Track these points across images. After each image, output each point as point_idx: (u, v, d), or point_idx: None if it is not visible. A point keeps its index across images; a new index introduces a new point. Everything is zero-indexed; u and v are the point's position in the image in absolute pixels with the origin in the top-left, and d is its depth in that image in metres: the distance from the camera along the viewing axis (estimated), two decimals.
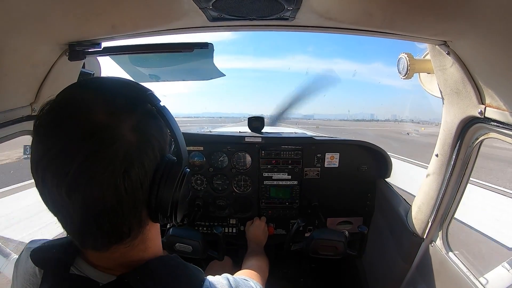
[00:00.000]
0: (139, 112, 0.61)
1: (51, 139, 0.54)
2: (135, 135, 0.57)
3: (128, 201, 0.57)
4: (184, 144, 0.69)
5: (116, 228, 0.59)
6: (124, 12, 1.03)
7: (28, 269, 0.71)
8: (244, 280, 0.81)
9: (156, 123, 0.64)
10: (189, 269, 0.72)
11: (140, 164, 0.57)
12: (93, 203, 0.54)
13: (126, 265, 0.66)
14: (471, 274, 1.38)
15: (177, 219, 0.68)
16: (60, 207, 0.56)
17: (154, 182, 0.61)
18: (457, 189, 1.50)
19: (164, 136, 0.66)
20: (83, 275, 0.65)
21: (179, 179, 0.66)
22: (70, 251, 0.67)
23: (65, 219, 0.58)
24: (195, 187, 2.38)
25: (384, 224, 2.21)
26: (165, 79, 2.11)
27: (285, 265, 2.75)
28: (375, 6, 1.00)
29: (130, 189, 0.56)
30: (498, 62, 1.02)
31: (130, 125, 0.57)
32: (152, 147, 0.61)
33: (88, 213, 0.55)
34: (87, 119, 0.55)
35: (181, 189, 0.66)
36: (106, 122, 0.55)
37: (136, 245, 0.65)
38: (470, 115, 1.26)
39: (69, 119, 0.55)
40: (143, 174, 0.58)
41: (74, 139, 0.53)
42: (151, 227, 0.69)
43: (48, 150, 0.54)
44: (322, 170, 2.34)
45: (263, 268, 1.56)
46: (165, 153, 0.66)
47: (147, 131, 0.61)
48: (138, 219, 0.62)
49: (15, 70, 1.07)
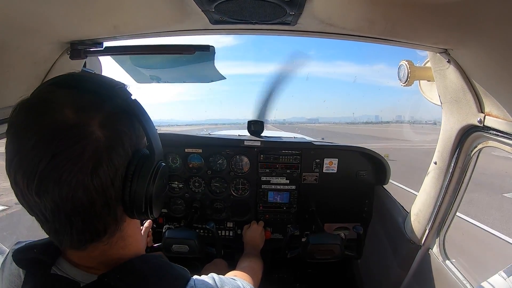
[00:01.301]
0: (108, 108, 0.60)
1: (21, 139, 0.54)
2: (104, 131, 0.56)
3: (99, 199, 0.56)
4: (158, 138, 0.68)
5: (91, 226, 0.58)
6: (126, 12, 1.03)
7: (13, 271, 0.70)
8: (231, 280, 0.79)
9: (127, 117, 0.63)
10: (173, 268, 0.71)
11: (109, 161, 0.57)
12: (63, 203, 0.54)
13: (107, 263, 0.65)
14: (467, 282, 1.38)
15: (153, 214, 0.67)
16: (34, 207, 0.55)
17: (126, 178, 0.60)
18: (455, 197, 1.51)
19: (136, 131, 0.64)
20: (64, 275, 0.64)
21: (152, 174, 0.64)
22: (51, 251, 0.66)
23: (40, 219, 0.57)
24: (193, 190, 2.37)
25: (382, 230, 2.20)
26: (166, 81, 2.11)
27: (281, 270, 2.73)
28: (377, 14, 1.00)
29: (100, 187, 0.56)
30: (498, 71, 1.03)
31: (98, 122, 0.56)
32: (122, 143, 0.60)
33: (59, 213, 0.55)
34: (55, 118, 0.54)
35: (155, 184, 0.65)
36: (74, 120, 0.55)
37: (115, 242, 0.65)
38: (469, 124, 1.26)
39: (38, 119, 0.55)
40: (113, 171, 0.57)
41: (42, 139, 0.53)
42: (130, 223, 0.68)
43: (19, 151, 0.54)
44: (321, 176, 2.34)
45: (256, 270, 1.55)
46: (139, 148, 0.65)
47: (117, 127, 0.60)
48: (114, 216, 0.61)
49: (16, 67, 1.07)
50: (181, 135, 2.32)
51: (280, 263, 2.69)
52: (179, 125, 26.81)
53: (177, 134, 2.32)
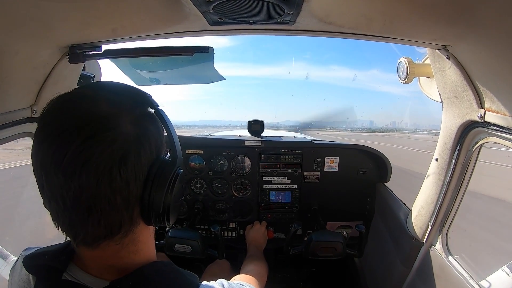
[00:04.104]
0: (139, 110, 0.64)
1: (53, 125, 0.56)
2: (134, 128, 0.59)
3: (121, 192, 0.57)
4: (179, 146, 0.72)
5: (107, 219, 0.59)
6: (124, 15, 1.03)
7: (23, 277, 0.70)
8: (239, 285, 0.80)
9: (154, 123, 0.67)
10: (183, 275, 0.71)
11: (136, 154, 0.59)
12: (88, 188, 0.54)
13: (118, 267, 0.65)
14: (471, 278, 1.37)
15: (169, 220, 0.68)
16: (56, 192, 0.56)
17: (148, 178, 0.62)
18: (457, 193, 1.50)
19: (161, 137, 0.68)
20: (75, 281, 0.64)
21: (172, 178, 0.66)
22: (63, 257, 0.67)
23: (58, 208, 0.57)
24: (195, 191, 2.37)
25: (384, 228, 2.20)
26: (165, 83, 2.11)
27: (284, 269, 2.73)
28: (375, 11, 1.00)
29: (125, 179, 0.57)
30: (497, 67, 1.03)
31: (129, 119, 0.60)
32: (149, 142, 0.62)
33: (80, 200, 0.55)
34: (89, 109, 0.58)
35: (174, 189, 0.67)
36: (107, 113, 0.58)
37: (126, 244, 0.65)
38: (469, 119, 1.26)
39: (72, 109, 0.58)
40: (138, 166, 0.59)
41: (76, 123, 0.55)
42: (143, 230, 0.69)
43: (49, 135, 0.55)
44: (322, 174, 2.34)
45: (261, 273, 1.55)
46: (161, 153, 0.68)
47: (146, 127, 0.63)
48: (130, 215, 0.62)
49: (16, 72, 1.08)
50: (182, 136, 2.32)
51: (283, 262, 2.69)
52: (179, 128, 26.49)
53: (178, 135, 2.32)
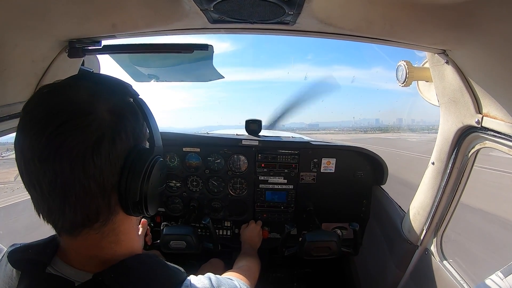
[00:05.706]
0: (118, 99, 0.66)
1: (31, 113, 0.59)
2: (110, 115, 0.61)
3: (95, 177, 0.58)
4: (159, 134, 0.73)
5: (83, 206, 0.60)
6: (125, 11, 1.02)
7: (8, 272, 0.70)
8: (227, 279, 0.80)
9: (133, 112, 0.68)
10: (168, 267, 0.71)
11: (111, 141, 0.60)
12: (62, 173, 0.56)
13: (100, 259, 0.65)
14: (464, 282, 1.38)
15: (147, 209, 0.68)
16: (34, 177, 0.57)
17: (125, 166, 0.63)
18: (453, 198, 1.51)
19: (140, 126, 0.69)
20: (58, 275, 0.64)
21: (149, 166, 0.67)
22: (47, 250, 0.67)
23: (38, 194, 0.59)
24: (191, 189, 2.37)
25: (379, 230, 2.21)
26: (164, 79, 2.11)
27: (279, 270, 2.74)
28: (375, 14, 1.00)
29: (99, 165, 0.58)
30: (496, 72, 1.03)
31: (107, 108, 0.61)
32: (125, 130, 0.63)
33: (56, 186, 0.57)
34: (67, 97, 0.61)
35: (151, 177, 0.67)
36: (85, 100, 0.60)
37: (107, 234, 0.66)
38: (467, 124, 1.26)
39: (52, 98, 0.60)
40: (114, 153, 0.60)
41: (54, 109, 0.58)
42: (124, 219, 0.69)
43: (28, 123, 0.58)
44: (318, 175, 2.35)
45: (253, 269, 1.55)
46: (140, 142, 0.69)
47: (122, 115, 0.64)
48: (107, 203, 0.63)
49: (14, 65, 1.07)
50: (179, 134, 2.32)
51: (277, 262, 2.69)
52: None
53: (176, 133, 2.32)
